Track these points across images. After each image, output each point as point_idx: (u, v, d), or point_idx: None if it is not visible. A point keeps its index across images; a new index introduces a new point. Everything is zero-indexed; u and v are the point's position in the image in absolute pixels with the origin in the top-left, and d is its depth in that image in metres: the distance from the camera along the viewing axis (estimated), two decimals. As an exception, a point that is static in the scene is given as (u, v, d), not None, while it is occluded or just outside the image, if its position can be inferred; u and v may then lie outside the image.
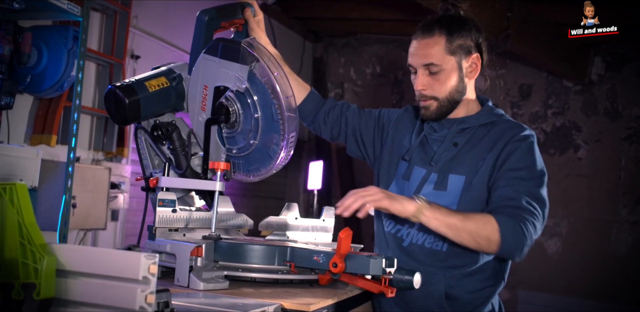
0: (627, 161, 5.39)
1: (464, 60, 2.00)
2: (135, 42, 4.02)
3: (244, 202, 5.26)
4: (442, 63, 1.98)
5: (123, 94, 1.99)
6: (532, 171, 1.92)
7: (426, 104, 2.03)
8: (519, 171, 1.91)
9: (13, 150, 2.65)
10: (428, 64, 2.00)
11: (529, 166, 1.93)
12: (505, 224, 1.79)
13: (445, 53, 1.98)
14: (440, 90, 2.01)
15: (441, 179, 2.00)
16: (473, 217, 1.81)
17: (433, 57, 1.99)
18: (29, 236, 1.12)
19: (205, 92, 2.06)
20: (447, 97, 2.01)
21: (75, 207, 3.27)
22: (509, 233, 1.79)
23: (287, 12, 5.90)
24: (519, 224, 1.80)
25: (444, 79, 1.99)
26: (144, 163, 2.19)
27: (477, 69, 2.03)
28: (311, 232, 2.25)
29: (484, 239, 1.79)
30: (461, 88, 2.02)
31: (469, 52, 2.00)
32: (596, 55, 5.53)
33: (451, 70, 1.99)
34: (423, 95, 2.03)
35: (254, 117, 2.00)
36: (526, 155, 1.94)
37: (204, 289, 1.67)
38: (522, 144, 1.95)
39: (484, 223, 1.79)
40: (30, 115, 3.32)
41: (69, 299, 1.12)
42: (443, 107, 2.02)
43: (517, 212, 1.82)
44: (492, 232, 1.78)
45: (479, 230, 1.78)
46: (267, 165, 2.04)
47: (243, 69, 1.97)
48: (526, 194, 1.86)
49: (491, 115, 2.07)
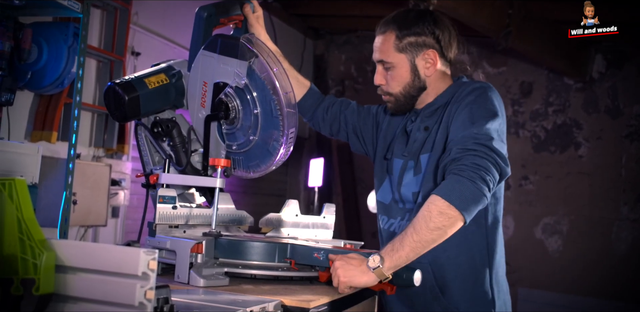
0: (628, 158, 5.38)
1: (418, 57, 1.99)
2: (136, 38, 4.02)
3: (245, 199, 5.26)
4: (393, 60, 1.99)
5: (122, 91, 1.99)
6: (474, 116, 1.82)
7: (385, 99, 2.06)
8: (460, 121, 1.84)
9: (13, 147, 2.65)
10: (379, 60, 2.02)
11: (471, 112, 1.84)
12: (442, 189, 1.67)
13: (394, 50, 1.98)
14: (393, 86, 2.02)
15: (415, 162, 1.99)
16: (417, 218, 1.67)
17: (383, 54, 2.00)
18: (28, 231, 1.12)
19: (204, 88, 2.06)
20: (402, 92, 2.01)
21: (76, 204, 3.27)
22: (449, 192, 1.65)
23: (287, 10, 5.89)
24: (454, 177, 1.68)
25: (395, 75, 2.00)
26: (144, 160, 2.19)
27: (434, 64, 2.00)
28: (312, 229, 2.24)
29: (439, 217, 1.64)
30: (418, 84, 2.01)
31: (422, 48, 1.98)
32: (597, 53, 5.52)
33: (401, 68, 1.99)
34: (381, 90, 2.06)
35: (253, 113, 2.00)
36: (470, 103, 1.87)
37: (204, 286, 1.67)
38: (467, 96, 1.90)
39: (427, 210, 1.66)
40: (31, 112, 3.31)
41: (68, 294, 1.12)
42: (400, 102, 2.03)
43: (451, 168, 1.71)
44: (439, 206, 1.65)
45: (430, 220, 1.65)
46: (267, 161, 2.04)
47: (242, 65, 1.97)
48: (461, 140, 1.76)
49: (456, 87, 2.01)
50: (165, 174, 1.99)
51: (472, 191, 1.65)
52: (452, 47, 2.03)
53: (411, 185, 1.98)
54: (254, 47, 1.95)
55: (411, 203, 1.98)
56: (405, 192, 2.00)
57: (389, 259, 1.65)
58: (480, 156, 1.70)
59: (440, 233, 1.66)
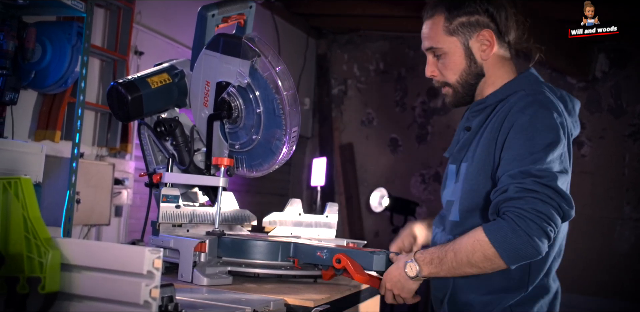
0: (630, 157, 5.38)
1: (472, 39, 1.77)
2: (139, 38, 4.02)
3: (248, 199, 5.27)
4: (444, 45, 1.78)
5: (125, 90, 2.00)
6: (532, 145, 1.58)
7: (444, 91, 1.85)
8: (516, 149, 1.60)
9: (17, 146, 2.66)
10: (428, 48, 1.82)
11: (529, 139, 1.60)
12: (494, 233, 1.52)
13: (444, 34, 1.78)
14: (448, 75, 1.81)
15: (457, 169, 1.80)
16: (461, 246, 1.57)
17: (432, 40, 1.80)
18: (34, 230, 1.13)
19: (207, 88, 2.06)
20: (459, 81, 1.80)
21: (79, 203, 3.28)
22: (502, 242, 1.51)
23: (290, 9, 5.89)
24: (511, 223, 1.50)
25: (448, 62, 1.79)
26: (147, 159, 2.20)
27: (491, 46, 1.77)
28: (314, 228, 2.25)
29: (484, 261, 1.54)
30: (475, 70, 1.79)
31: (475, 28, 1.77)
32: (600, 52, 5.52)
33: (454, 53, 1.78)
34: (436, 82, 1.85)
35: (256, 113, 2.01)
36: (526, 127, 1.61)
37: (208, 285, 1.68)
38: (521, 115, 1.63)
39: (472, 246, 1.54)
40: (35, 111, 3.32)
41: (74, 293, 1.13)
42: (459, 93, 1.82)
43: (508, 208, 1.53)
44: (484, 248, 1.53)
45: (472, 255, 1.55)
46: (269, 160, 2.05)
47: (244, 64, 1.97)
48: (519, 176, 1.55)
49: (514, 86, 1.78)
50: (169, 173, 2.00)
51: (527, 247, 1.50)
52: (511, 27, 1.81)
53: (449, 192, 1.82)
54: (256, 46, 1.96)
55: (448, 212, 1.79)
56: (443, 200, 1.86)
57: (427, 269, 1.63)
58: (543, 199, 1.51)
59: (479, 271, 1.58)
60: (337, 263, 1.74)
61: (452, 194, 1.78)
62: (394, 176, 6.21)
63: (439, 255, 1.61)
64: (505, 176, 1.57)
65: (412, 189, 6.12)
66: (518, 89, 1.75)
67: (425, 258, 1.63)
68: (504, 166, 1.60)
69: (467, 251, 1.56)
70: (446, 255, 1.60)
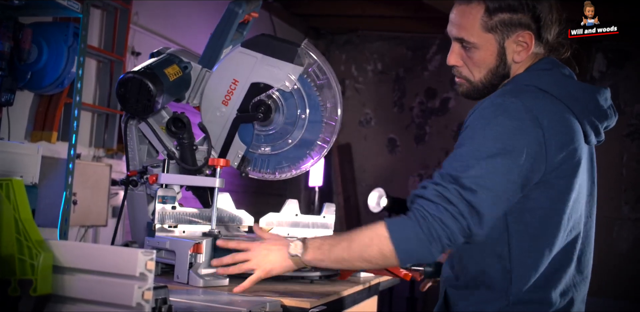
0: (629, 157, 5.38)
1: (509, 39, 1.57)
2: (136, 39, 4.01)
3: (245, 199, 5.26)
4: (477, 41, 1.58)
5: (151, 82, 1.91)
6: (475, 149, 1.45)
7: (458, 81, 1.67)
8: (458, 148, 1.49)
9: (13, 147, 2.65)
10: (458, 39, 1.61)
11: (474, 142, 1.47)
12: (397, 231, 1.44)
13: (480, 29, 1.57)
14: (473, 72, 1.63)
15: None
16: (358, 237, 1.49)
17: (465, 31, 1.59)
18: (26, 231, 1.12)
19: (233, 86, 2.04)
20: (482, 80, 1.63)
21: (76, 204, 3.27)
22: (403, 241, 1.43)
23: (288, 9, 5.88)
24: (415, 225, 1.42)
25: (477, 58, 1.60)
26: (129, 156, 2.15)
27: (527, 48, 1.58)
28: (311, 229, 2.24)
29: (378, 256, 1.46)
30: (502, 71, 1.61)
31: (516, 29, 1.57)
32: (598, 52, 5.52)
33: (487, 50, 1.59)
34: (456, 72, 1.66)
35: (300, 118, 2.04)
36: (475, 130, 1.48)
37: (204, 286, 1.67)
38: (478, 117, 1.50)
39: (370, 239, 1.46)
40: (31, 112, 3.31)
41: (66, 295, 1.12)
42: (477, 90, 1.65)
43: (419, 207, 1.44)
44: (383, 246, 1.44)
45: (367, 250, 1.47)
46: (299, 165, 2.11)
47: (296, 70, 1.98)
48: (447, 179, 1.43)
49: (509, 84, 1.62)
50: (165, 174, 1.98)
51: (424, 251, 1.42)
52: (553, 27, 1.61)
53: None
54: (313, 54, 2.00)
55: None
56: None
57: (312, 254, 1.54)
58: (454, 215, 1.40)
59: (369, 266, 1.56)
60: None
61: None
62: (392, 176, 6.21)
63: (331, 242, 1.53)
64: (437, 172, 1.47)
65: (410, 189, 6.10)
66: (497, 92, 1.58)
67: (315, 242, 1.55)
68: (444, 161, 1.49)
69: (363, 244, 1.47)
70: (339, 243, 1.51)
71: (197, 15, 4.57)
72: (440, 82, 6.15)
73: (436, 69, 6.19)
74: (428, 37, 6.17)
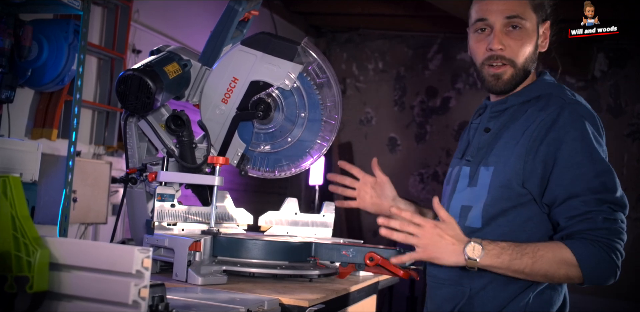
0: (629, 157, 5.37)
1: (541, 25, 1.69)
2: (137, 36, 4.01)
3: (245, 197, 5.26)
4: (527, 18, 1.65)
5: (151, 80, 1.91)
6: (594, 164, 1.54)
7: (500, 71, 1.67)
8: (577, 168, 1.54)
9: (13, 144, 2.64)
10: (513, 16, 1.64)
11: (588, 157, 1.54)
12: (586, 260, 1.50)
13: (529, 7, 1.66)
14: (519, 52, 1.65)
15: (473, 172, 1.68)
16: (544, 256, 1.50)
17: (519, 9, 1.64)
18: (23, 228, 1.11)
19: (233, 84, 2.04)
20: (523, 63, 1.67)
21: (76, 202, 3.27)
22: (592, 267, 1.51)
23: (289, 7, 5.88)
24: (603, 252, 1.51)
25: (525, 38, 1.66)
26: (128, 153, 2.15)
27: (546, 40, 1.71)
28: (311, 227, 2.24)
29: (562, 278, 1.52)
30: (534, 58, 1.69)
31: (545, 16, 1.69)
32: (599, 52, 5.51)
33: (531, 31, 1.66)
34: (499, 57, 1.66)
35: (299, 116, 2.04)
36: (579, 143, 1.55)
37: (202, 284, 1.67)
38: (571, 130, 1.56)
39: (557, 262, 1.50)
40: (31, 109, 3.31)
41: (62, 292, 1.12)
42: (517, 76, 1.67)
43: (598, 237, 1.51)
44: (570, 269, 1.50)
45: (554, 271, 1.51)
46: (298, 163, 2.11)
47: (296, 68, 1.98)
48: (595, 203, 1.52)
49: (538, 89, 1.69)
50: (164, 172, 1.98)
51: (610, 275, 1.55)
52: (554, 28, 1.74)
53: (463, 197, 1.70)
54: (312, 52, 2.00)
55: (456, 217, 1.65)
56: (454, 205, 1.72)
57: (489, 260, 1.50)
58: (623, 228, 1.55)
59: (549, 282, 1.58)
60: (370, 261, 1.85)
61: (469, 199, 1.68)
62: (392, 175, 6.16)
63: (511, 254, 1.51)
64: (578, 201, 1.52)
65: (410, 188, 6.11)
66: (542, 92, 1.67)
67: (494, 249, 1.51)
68: (568, 186, 1.54)
69: (549, 266, 1.50)
70: (521, 258, 1.50)
71: (197, 13, 4.57)
72: (441, 81, 6.15)
73: (437, 68, 6.18)
74: (429, 35, 6.17)
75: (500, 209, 1.61)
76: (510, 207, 1.61)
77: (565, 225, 1.54)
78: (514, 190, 1.60)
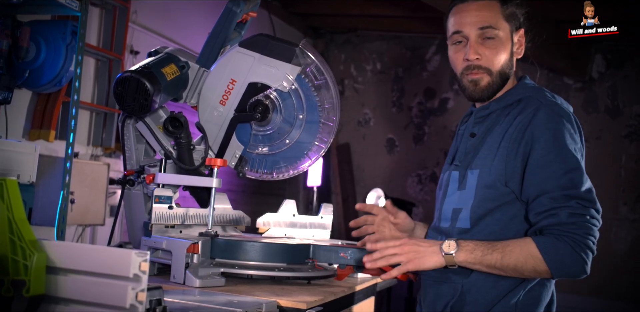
0: (627, 158, 5.37)
1: (515, 33, 1.77)
2: (135, 37, 4.01)
3: (244, 199, 5.25)
4: (499, 28, 1.73)
5: (149, 82, 1.90)
6: (564, 162, 1.61)
7: (476, 77, 1.75)
8: (548, 167, 1.60)
9: (11, 145, 2.64)
10: (485, 26, 1.72)
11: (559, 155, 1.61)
12: (551, 254, 1.55)
13: (501, 17, 1.74)
14: (494, 61, 1.74)
15: (462, 176, 1.75)
16: (511, 254, 1.57)
17: (491, 20, 1.73)
18: (19, 232, 1.11)
19: (231, 86, 2.04)
20: (500, 71, 1.75)
21: (74, 203, 3.26)
22: (555, 260, 1.55)
23: (287, 8, 5.88)
24: (568, 246, 1.54)
25: (499, 47, 1.74)
26: (126, 155, 2.14)
27: (521, 47, 1.80)
28: (309, 229, 2.24)
29: (531, 272, 1.57)
30: (510, 65, 1.77)
31: (518, 24, 1.78)
32: (597, 53, 5.51)
33: (505, 40, 1.74)
34: (475, 66, 1.74)
35: (298, 118, 2.04)
36: (551, 142, 1.62)
37: (200, 286, 1.67)
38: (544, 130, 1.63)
39: (524, 256, 1.56)
40: (29, 111, 3.31)
41: (59, 296, 1.11)
42: (494, 83, 1.76)
43: (562, 231, 1.55)
44: (536, 263, 1.55)
45: (522, 265, 1.56)
46: (296, 165, 2.12)
47: (294, 70, 1.98)
48: (562, 199, 1.57)
49: (519, 93, 1.77)
50: (162, 173, 1.98)
51: (579, 268, 1.57)
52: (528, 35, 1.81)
53: (453, 200, 1.76)
54: (311, 54, 2.01)
55: (448, 221, 1.76)
56: (446, 208, 1.78)
57: (464, 255, 1.57)
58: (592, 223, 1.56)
59: (520, 277, 1.61)
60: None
61: (459, 201, 1.74)
62: (390, 176, 6.20)
63: (484, 249, 1.58)
64: (546, 198, 1.58)
65: (408, 189, 6.11)
66: (523, 96, 1.74)
67: (468, 245, 1.59)
68: (539, 184, 1.60)
69: (517, 261, 1.57)
70: (492, 253, 1.58)
71: (195, 14, 4.56)
72: (439, 82, 6.14)
73: (435, 69, 6.18)
74: (427, 37, 6.16)
75: (487, 209, 1.68)
76: (496, 207, 1.68)
77: (534, 221, 1.61)
78: (499, 190, 1.67)
